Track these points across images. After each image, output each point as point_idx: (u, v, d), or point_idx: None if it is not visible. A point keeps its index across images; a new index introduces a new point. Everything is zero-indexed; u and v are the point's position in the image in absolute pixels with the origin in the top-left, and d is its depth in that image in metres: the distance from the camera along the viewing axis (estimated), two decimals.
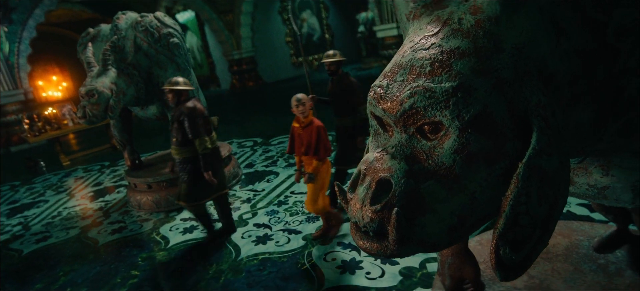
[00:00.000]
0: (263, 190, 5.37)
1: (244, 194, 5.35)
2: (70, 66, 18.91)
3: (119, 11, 5.22)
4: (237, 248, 3.91)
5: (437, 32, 1.15)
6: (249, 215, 4.63)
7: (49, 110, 10.31)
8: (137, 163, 5.92)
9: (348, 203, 1.20)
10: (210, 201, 4.19)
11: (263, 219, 4.47)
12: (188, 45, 5.72)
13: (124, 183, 6.85)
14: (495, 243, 1.03)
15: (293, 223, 4.22)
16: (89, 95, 4.62)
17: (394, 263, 3.14)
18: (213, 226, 4.17)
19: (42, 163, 9.12)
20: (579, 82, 1.16)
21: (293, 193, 5.06)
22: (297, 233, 4.00)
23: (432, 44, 1.13)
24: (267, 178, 5.84)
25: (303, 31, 18.80)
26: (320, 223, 4.00)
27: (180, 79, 3.86)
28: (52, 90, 18.47)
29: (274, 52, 18.40)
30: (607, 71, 1.17)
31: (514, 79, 1.05)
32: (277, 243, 3.88)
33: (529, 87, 1.05)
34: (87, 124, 4.90)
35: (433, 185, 1.06)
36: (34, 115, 10.13)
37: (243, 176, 6.09)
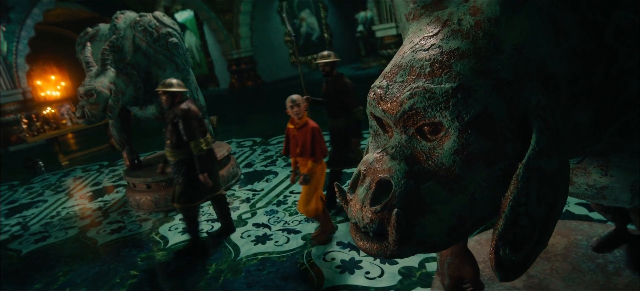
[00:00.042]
0: (262, 190, 5.37)
1: (243, 194, 5.35)
2: (69, 66, 18.88)
3: (118, 11, 5.21)
4: (236, 247, 3.91)
5: (436, 33, 1.15)
6: (248, 215, 4.63)
7: (48, 110, 10.29)
8: (136, 162, 5.91)
9: (348, 203, 1.20)
10: (208, 202, 4.18)
11: (262, 219, 4.47)
12: (187, 44, 5.72)
13: (123, 182, 6.85)
14: (495, 243, 1.04)
15: (292, 222, 4.23)
16: (88, 95, 4.61)
17: (393, 262, 3.15)
18: (198, 236, 4.10)
19: (40, 162, 9.10)
20: (578, 83, 1.16)
21: (292, 192, 5.07)
22: (296, 232, 4.00)
23: (431, 44, 1.13)
24: (266, 177, 5.84)
25: (302, 31, 18.80)
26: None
27: (174, 80, 3.83)
28: (50, 89, 18.45)
29: (273, 52, 18.40)
30: (605, 72, 1.18)
31: (514, 80, 1.06)
32: (276, 242, 3.88)
33: (529, 88, 1.05)
34: (85, 124, 4.89)
35: (433, 186, 1.06)
36: (33, 115, 10.12)
37: (242, 176, 6.09)
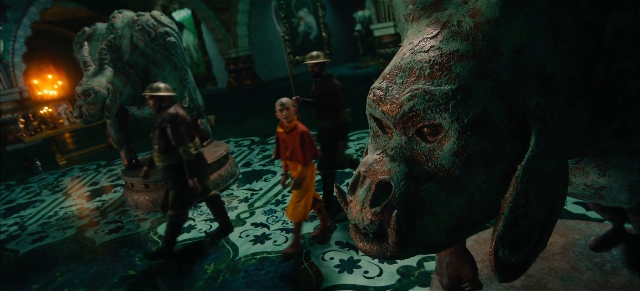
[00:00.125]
0: (260, 189, 5.37)
1: (242, 193, 5.35)
2: (66, 65, 18.81)
3: (115, 10, 5.20)
4: (234, 247, 3.91)
5: (436, 35, 1.15)
6: (247, 214, 4.63)
7: (45, 109, 10.26)
8: (133, 162, 5.90)
9: (348, 204, 1.20)
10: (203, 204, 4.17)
11: (261, 218, 4.47)
12: (184, 43, 5.71)
13: (121, 182, 6.83)
14: (495, 244, 1.04)
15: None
16: (86, 94, 4.60)
17: (392, 262, 3.15)
18: (173, 245, 3.97)
19: (38, 162, 9.08)
20: (577, 84, 1.17)
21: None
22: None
23: (431, 46, 1.13)
24: (264, 177, 5.84)
25: (300, 30, 18.78)
26: (318, 222, 4.00)
27: (162, 84, 3.78)
28: (47, 89, 18.37)
29: (271, 51, 18.37)
30: (604, 73, 1.18)
31: (513, 81, 1.06)
32: (275, 242, 3.88)
33: (528, 90, 1.06)
34: (83, 123, 4.88)
35: (432, 187, 1.06)
36: (30, 114, 10.07)
37: (240, 175, 6.09)
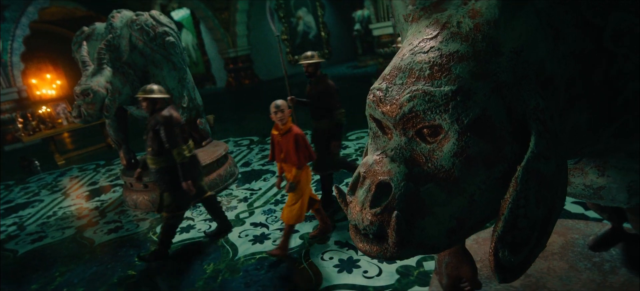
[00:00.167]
0: (260, 189, 5.36)
1: (241, 193, 5.35)
2: (64, 64, 18.77)
3: (114, 9, 5.19)
4: (234, 247, 3.91)
5: (436, 36, 1.15)
6: (246, 214, 4.63)
7: (43, 109, 10.24)
8: (132, 162, 5.89)
9: (348, 205, 1.20)
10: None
11: (260, 218, 4.46)
12: (183, 43, 5.72)
13: (120, 182, 6.82)
14: (494, 245, 1.04)
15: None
16: (84, 94, 4.59)
17: (391, 261, 3.16)
18: (168, 247, 3.95)
19: (36, 162, 9.06)
20: (577, 85, 1.17)
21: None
22: (294, 232, 4.00)
23: (431, 47, 1.13)
24: (263, 176, 5.84)
25: (299, 29, 18.77)
26: (317, 222, 4.00)
27: (155, 86, 3.75)
28: (46, 88, 18.32)
29: (270, 50, 18.36)
30: (603, 74, 1.18)
31: (513, 82, 1.06)
32: (274, 242, 3.88)
33: (527, 91, 1.06)
34: (82, 123, 4.87)
35: (432, 188, 1.06)
36: (28, 114, 10.04)
37: (239, 175, 6.08)
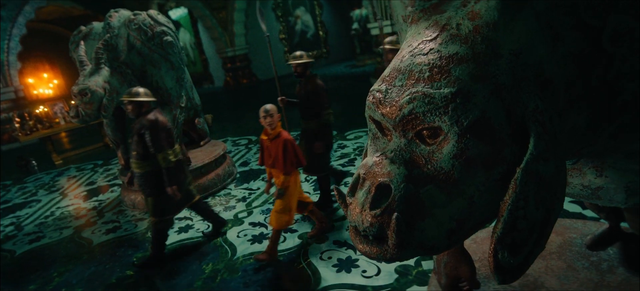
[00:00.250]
0: (258, 189, 5.36)
1: (239, 193, 5.34)
2: (61, 63, 18.70)
3: (112, 9, 5.17)
4: (232, 247, 3.91)
5: (435, 38, 1.16)
6: (245, 214, 4.63)
7: (40, 108, 10.21)
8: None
9: (347, 207, 1.20)
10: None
11: (258, 218, 4.46)
12: (181, 42, 5.71)
13: (118, 182, 6.81)
14: (494, 247, 1.05)
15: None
16: (82, 94, 4.57)
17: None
18: (162, 251, 3.92)
19: (33, 162, 9.03)
20: (575, 87, 1.17)
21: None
22: (293, 231, 4.01)
23: (430, 49, 1.13)
24: (262, 176, 5.84)
25: (297, 28, 18.76)
26: (314, 222, 4.00)
27: (141, 89, 3.71)
28: (43, 88, 18.27)
29: (268, 49, 18.33)
30: (602, 76, 1.19)
31: (512, 84, 1.07)
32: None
33: (527, 93, 1.06)
34: (80, 123, 4.86)
35: (432, 190, 1.07)
36: (25, 113, 10.02)
37: (238, 175, 6.08)
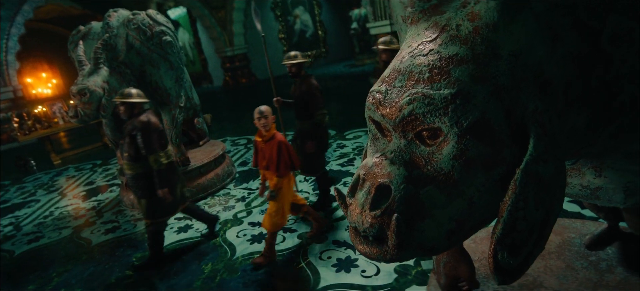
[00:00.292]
0: (257, 188, 5.36)
1: (239, 192, 5.34)
2: (60, 63, 18.65)
3: (110, 8, 5.16)
4: (232, 247, 3.91)
5: (435, 38, 1.16)
6: (244, 214, 4.63)
7: (39, 108, 10.19)
8: None
9: (347, 207, 1.20)
10: (203, 201, 4.13)
11: (258, 218, 4.46)
12: (180, 42, 5.69)
13: (117, 181, 6.80)
14: (493, 248, 1.05)
15: (288, 221, 4.22)
16: (81, 94, 4.57)
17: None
18: (160, 252, 3.91)
19: (32, 162, 9.01)
20: (574, 88, 1.18)
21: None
22: (292, 231, 4.01)
23: (430, 50, 1.14)
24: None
25: (296, 28, 18.75)
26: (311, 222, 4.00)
27: (134, 90, 3.69)
28: (41, 87, 18.22)
29: (268, 49, 18.32)
30: (601, 77, 1.19)
31: (512, 85, 1.07)
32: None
33: (526, 94, 1.07)
34: (79, 123, 4.85)
35: (432, 191, 1.07)
36: (24, 113, 10.00)
37: (237, 175, 6.08)
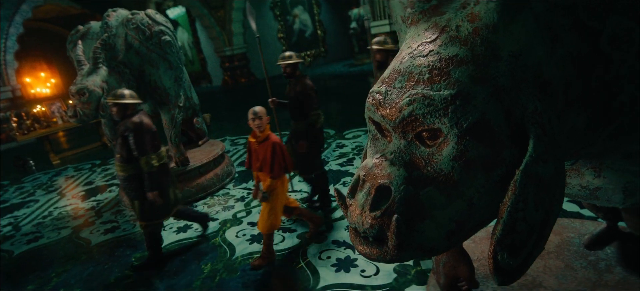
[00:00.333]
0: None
1: (238, 192, 5.34)
2: (59, 62, 18.60)
3: (109, 8, 5.15)
4: (231, 246, 3.91)
5: (435, 39, 1.16)
6: (243, 214, 4.63)
7: (38, 108, 10.17)
8: None
9: (347, 208, 1.20)
10: (203, 201, 4.12)
11: (257, 217, 4.45)
12: (179, 41, 5.67)
13: (116, 181, 6.79)
14: (493, 248, 1.05)
15: (287, 221, 4.23)
16: (80, 94, 4.56)
17: None
18: (158, 252, 3.88)
19: (31, 161, 9.00)
20: (574, 88, 1.18)
21: (287, 191, 5.05)
22: (291, 231, 4.01)
23: (430, 51, 1.14)
24: None
25: (295, 27, 18.74)
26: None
27: (126, 91, 3.66)
28: (40, 87, 18.17)
29: (266, 49, 18.29)
30: (600, 77, 1.19)
31: (511, 86, 1.07)
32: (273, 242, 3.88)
33: (526, 95, 1.07)
34: (78, 123, 4.85)
35: (432, 191, 1.07)
36: (22, 113, 9.98)
37: (236, 175, 6.08)
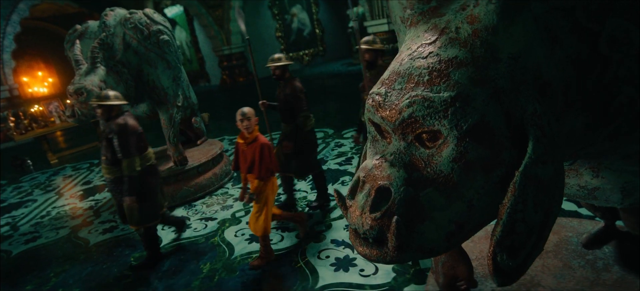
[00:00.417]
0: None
1: (237, 192, 5.34)
2: (56, 62, 18.56)
3: (107, 7, 5.13)
4: (230, 246, 3.91)
5: (434, 41, 1.16)
6: (242, 213, 4.63)
7: (35, 107, 10.14)
8: None
9: (347, 209, 1.21)
10: (202, 200, 4.12)
11: None
12: (177, 40, 5.64)
13: None
14: (493, 249, 1.05)
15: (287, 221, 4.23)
16: (78, 93, 4.55)
17: None
18: (157, 252, 3.87)
19: (29, 161, 8.97)
20: (573, 90, 1.18)
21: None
22: (290, 231, 4.01)
23: (430, 52, 1.14)
24: None
25: (293, 26, 18.73)
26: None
27: (111, 92, 3.62)
28: (37, 86, 18.12)
29: (265, 47, 18.26)
30: (599, 79, 1.20)
31: (511, 88, 1.07)
32: (270, 241, 3.88)
33: (525, 96, 1.07)
34: (76, 123, 4.83)
35: (432, 193, 1.07)
36: (20, 112, 9.93)
37: (235, 174, 6.07)
